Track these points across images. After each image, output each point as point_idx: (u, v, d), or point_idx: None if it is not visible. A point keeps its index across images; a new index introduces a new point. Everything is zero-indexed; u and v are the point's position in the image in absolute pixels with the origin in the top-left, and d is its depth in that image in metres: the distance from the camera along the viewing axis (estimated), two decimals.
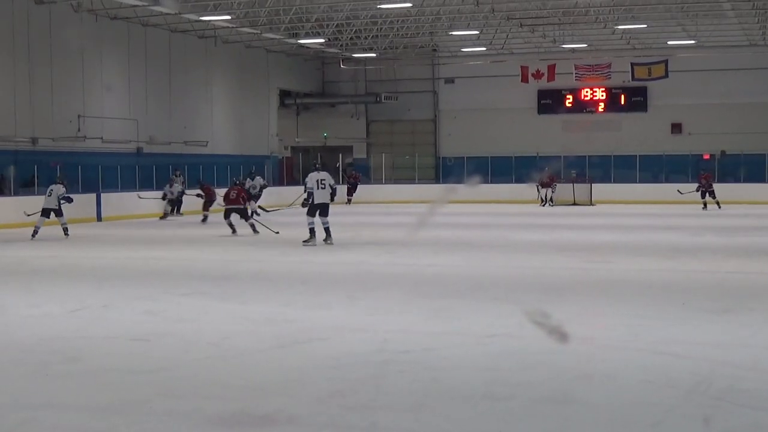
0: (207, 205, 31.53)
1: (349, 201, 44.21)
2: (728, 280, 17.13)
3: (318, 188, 21.88)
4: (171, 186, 34.76)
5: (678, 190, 37.59)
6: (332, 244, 22.19)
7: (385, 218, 34.39)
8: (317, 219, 22.40)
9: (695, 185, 36.17)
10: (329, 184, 22.61)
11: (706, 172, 37.77)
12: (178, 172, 35.72)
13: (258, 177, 36.91)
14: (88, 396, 8.81)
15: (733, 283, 16.73)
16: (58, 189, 24.00)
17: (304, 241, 21.98)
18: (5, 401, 8.49)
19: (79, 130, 36.85)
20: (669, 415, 7.39)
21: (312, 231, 22.23)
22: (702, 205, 35.50)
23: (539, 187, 41.69)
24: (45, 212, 24.55)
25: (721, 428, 6.84)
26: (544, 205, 41.48)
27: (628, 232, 27.89)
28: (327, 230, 22.80)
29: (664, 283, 16.88)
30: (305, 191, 23.59)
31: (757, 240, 25.00)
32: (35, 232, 24.76)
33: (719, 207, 35.82)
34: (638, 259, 21.07)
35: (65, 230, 25.12)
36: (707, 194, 35.76)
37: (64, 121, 39.61)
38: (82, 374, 9.89)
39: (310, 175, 23.15)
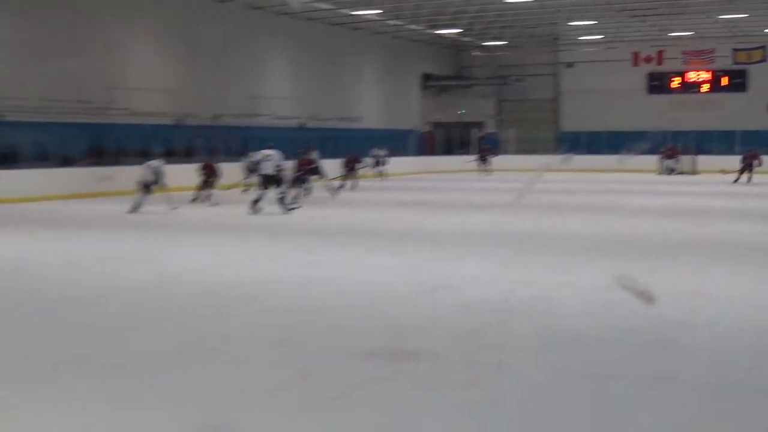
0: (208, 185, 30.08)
1: (486, 171, 46.42)
2: None
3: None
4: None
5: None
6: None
7: (513, 185, 35.52)
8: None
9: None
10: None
11: (753, 150, 39.80)
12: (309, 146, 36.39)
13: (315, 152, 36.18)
14: (265, 330, 9.95)
15: None
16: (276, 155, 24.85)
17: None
18: (196, 333, 9.71)
19: (253, 110, 40.30)
20: (763, 361, 8.16)
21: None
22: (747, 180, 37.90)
23: (662, 158, 45.56)
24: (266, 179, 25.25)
25: None
26: (669, 174, 43.40)
27: (729, 199, 29.24)
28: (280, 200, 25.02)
29: (760, 244, 17.75)
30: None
31: None
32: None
33: (748, 181, 37.27)
34: (737, 222, 22.01)
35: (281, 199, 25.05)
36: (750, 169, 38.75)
37: (241, 101, 42.83)
38: (258, 313, 11.09)
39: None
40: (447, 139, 58.80)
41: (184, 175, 28.99)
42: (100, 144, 34.25)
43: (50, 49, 34.37)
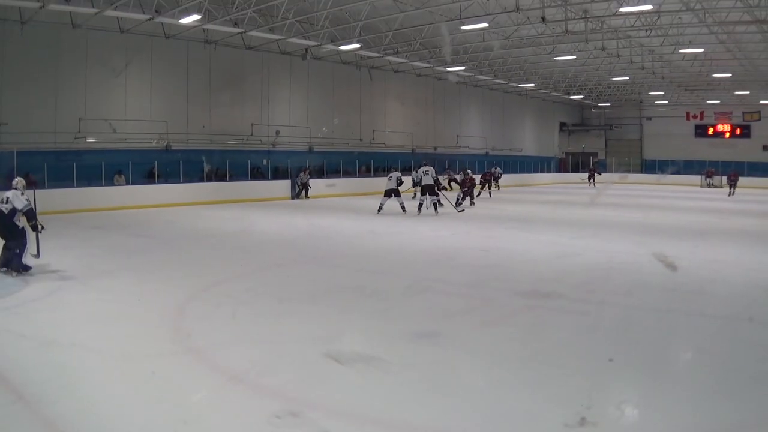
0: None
1: (592, 184, 53.77)
2: None
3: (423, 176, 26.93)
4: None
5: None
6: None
7: (619, 192, 42.49)
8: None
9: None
10: (431, 175, 26.81)
11: (734, 171, 44.59)
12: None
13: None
14: (460, 276, 13.38)
15: None
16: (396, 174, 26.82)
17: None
18: (421, 276, 13.38)
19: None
20: (762, 303, 11.09)
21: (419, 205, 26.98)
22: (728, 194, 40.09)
23: (704, 177, 53.88)
24: (387, 193, 26.93)
25: None
26: (708, 187, 51.32)
27: (740, 203, 34.72)
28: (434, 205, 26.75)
29: (761, 231, 22.37)
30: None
31: None
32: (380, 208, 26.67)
33: (731, 192, 41.27)
34: (746, 218, 26.96)
35: (402, 207, 26.58)
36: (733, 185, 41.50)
37: (449, 137, 52.36)
38: (456, 266, 14.68)
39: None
40: (575, 163, 68.04)
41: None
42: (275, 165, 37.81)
43: (335, 107, 42.39)
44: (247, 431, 6.08)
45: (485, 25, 32.39)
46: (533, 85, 55.00)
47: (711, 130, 64.76)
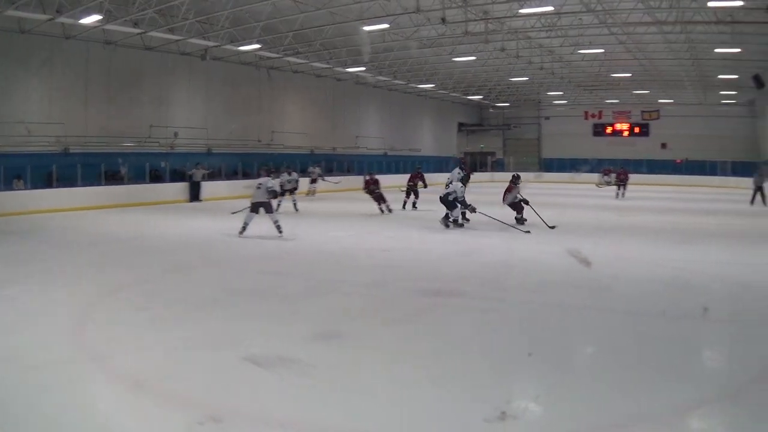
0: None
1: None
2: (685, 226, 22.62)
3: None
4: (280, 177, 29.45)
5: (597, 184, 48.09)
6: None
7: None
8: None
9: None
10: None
11: (624, 168, 44.51)
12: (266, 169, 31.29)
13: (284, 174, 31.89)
14: (360, 277, 13.51)
15: (685, 227, 22.38)
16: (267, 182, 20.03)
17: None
18: (322, 278, 13.47)
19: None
20: (664, 297, 11.46)
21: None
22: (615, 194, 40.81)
23: (601, 176, 52.71)
24: (254, 207, 19.86)
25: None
26: (605, 185, 50.19)
27: (638, 201, 36.15)
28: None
29: (658, 227, 22.99)
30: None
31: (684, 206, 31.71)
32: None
33: (620, 194, 40.99)
34: (644, 215, 27.82)
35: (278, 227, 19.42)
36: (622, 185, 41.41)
37: (348, 138, 52.22)
38: (356, 267, 14.76)
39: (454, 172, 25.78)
40: (473, 162, 66.25)
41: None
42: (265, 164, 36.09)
43: (234, 108, 42.72)
44: None
45: (386, 26, 32.62)
46: (432, 85, 55.94)
47: (609, 129, 67.11)
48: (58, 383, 7.23)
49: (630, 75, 50.07)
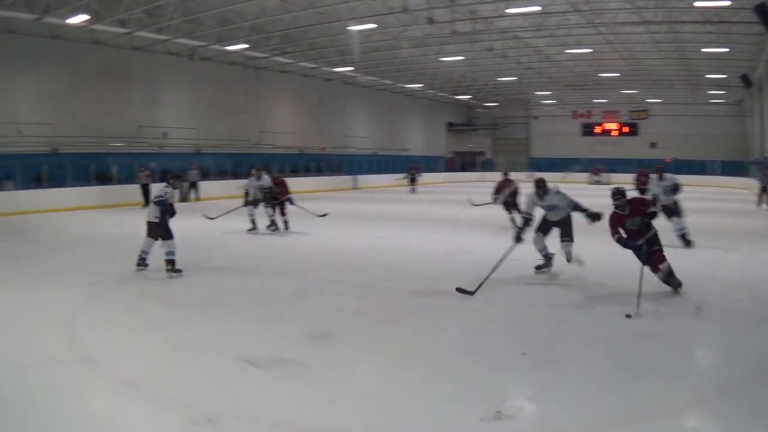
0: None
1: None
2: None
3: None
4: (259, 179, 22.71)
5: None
6: None
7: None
8: None
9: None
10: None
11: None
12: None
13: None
14: (348, 276, 13.61)
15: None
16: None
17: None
18: (313, 278, 13.62)
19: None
20: (655, 297, 11.39)
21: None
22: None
23: (591, 174, 55.80)
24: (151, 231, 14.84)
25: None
26: (595, 184, 52.43)
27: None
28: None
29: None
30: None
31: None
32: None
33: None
34: None
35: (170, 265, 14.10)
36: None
37: (337, 138, 52.65)
38: (345, 267, 14.91)
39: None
40: (462, 162, 70.42)
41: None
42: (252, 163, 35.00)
43: (222, 108, 43.01)
44: None
45: (373, 26, 32.73)
46: (421, 85, 56.23)
47: (599, 129, 67.66)
48: (51, 384, 7.22)
49: (618, 75, 50.25)
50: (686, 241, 17.26)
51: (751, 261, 15.56)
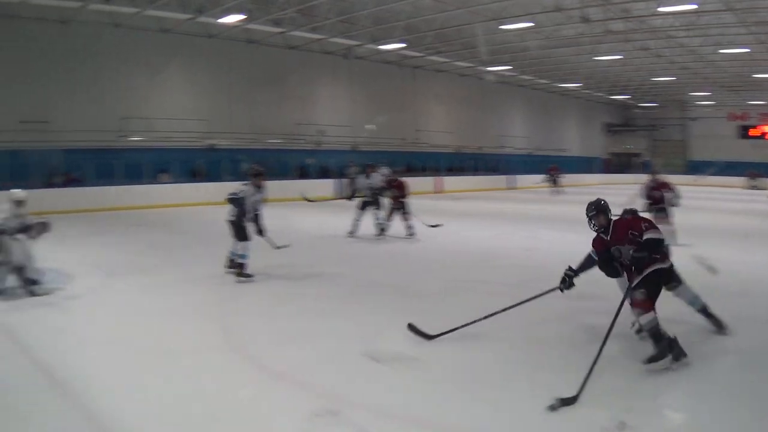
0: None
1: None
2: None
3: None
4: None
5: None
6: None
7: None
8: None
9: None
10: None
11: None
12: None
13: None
14: (502, 276, 13.44)
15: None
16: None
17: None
18: (458, 277, 13.36)
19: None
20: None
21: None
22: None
23: (748, 179, 54.00)
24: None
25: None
26: (751, 189, 50.35)
27: None
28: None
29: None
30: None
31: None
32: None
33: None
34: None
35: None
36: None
37: (492, 137, 52.66)
38: (497, 266, 14.87)
39: None
40: (619, 163, 68.82)
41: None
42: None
43: (378, 107, 42.97)
44: (287, 429, 6.19)
45: (527, 24, 32.85)
46: (577, 85, 55.65)
47: (754, 131, 64.92)
48: (196, 371, 7.78)
49: None
50: None
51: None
